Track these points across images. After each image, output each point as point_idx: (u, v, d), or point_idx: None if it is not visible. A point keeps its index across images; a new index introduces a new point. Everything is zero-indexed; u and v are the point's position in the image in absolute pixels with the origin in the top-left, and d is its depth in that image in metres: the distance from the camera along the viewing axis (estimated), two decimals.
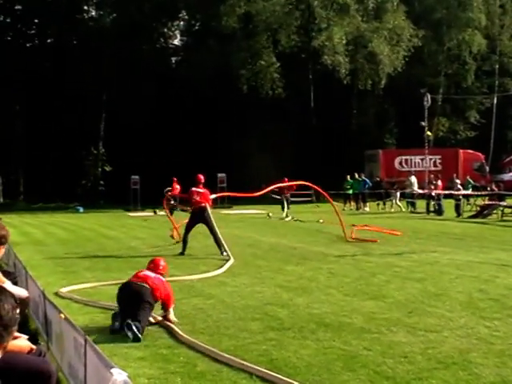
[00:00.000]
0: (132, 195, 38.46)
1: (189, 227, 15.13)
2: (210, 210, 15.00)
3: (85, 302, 8.88)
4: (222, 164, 40.60)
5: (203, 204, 14.94)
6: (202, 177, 15.43)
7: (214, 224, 14.90)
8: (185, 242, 14.90)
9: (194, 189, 15.26)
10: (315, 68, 47.13)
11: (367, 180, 34.87)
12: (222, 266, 12.27)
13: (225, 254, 13.95)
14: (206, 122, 46.28)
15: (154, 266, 7.85)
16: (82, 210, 37.89)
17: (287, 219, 26.70)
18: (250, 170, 42.31)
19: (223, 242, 14.45)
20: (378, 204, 33.99)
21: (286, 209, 29.54)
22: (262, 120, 44.78)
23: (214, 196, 16.73)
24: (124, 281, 7.88)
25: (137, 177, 38.84)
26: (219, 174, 39.05)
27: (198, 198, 15.02)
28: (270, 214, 28.12)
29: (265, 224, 24.50)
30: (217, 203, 31.21)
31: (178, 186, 31.16)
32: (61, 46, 47.72)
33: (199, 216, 14.94)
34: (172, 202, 24.33)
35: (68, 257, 14.54)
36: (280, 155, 42.70)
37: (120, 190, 40.72)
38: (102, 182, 45.22)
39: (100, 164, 45.77)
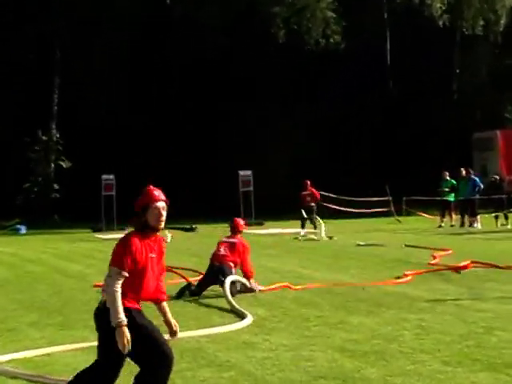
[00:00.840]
0: (104, 206, 38.68)
1: (202, 286, 15.20)
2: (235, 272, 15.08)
3: (29, 377, 8.87)
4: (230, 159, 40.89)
5: (231, 263, 15.16)
6: (242, 223, 15.86)
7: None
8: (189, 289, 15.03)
9: (224, 239, 15.71)
10: (393, 3, 47.02)
11: (477, 179, 34.55)
12: (244, 317, 12.17)
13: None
14: (209, 110, 46.90)
15: None
16: (24, 230, 38.14)
17: (325, 237, 28.39)
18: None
19: (237, 307, 13.91)
20: (496, 217, 33.67)
21: (320, 225, 30.42)
22: (308, 84, 44.89)
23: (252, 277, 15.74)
24: (94, 343, 7.85)
25: (111, 177, 38.89)
26: (241, 172, 39.03)
27: (224, 253, 15.26)
28: (302, 233, 29.64)
29: (313, 250, 24.45)
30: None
31: None
32: None
33: (218, 277, 14.83)
34: None
35: (4, 306, 14.61)
36: (335, 138, 42.89)
37: (85, 197, 40.86)
38: (56, 186, 45.34)
39: (53, 157, 45.97)
